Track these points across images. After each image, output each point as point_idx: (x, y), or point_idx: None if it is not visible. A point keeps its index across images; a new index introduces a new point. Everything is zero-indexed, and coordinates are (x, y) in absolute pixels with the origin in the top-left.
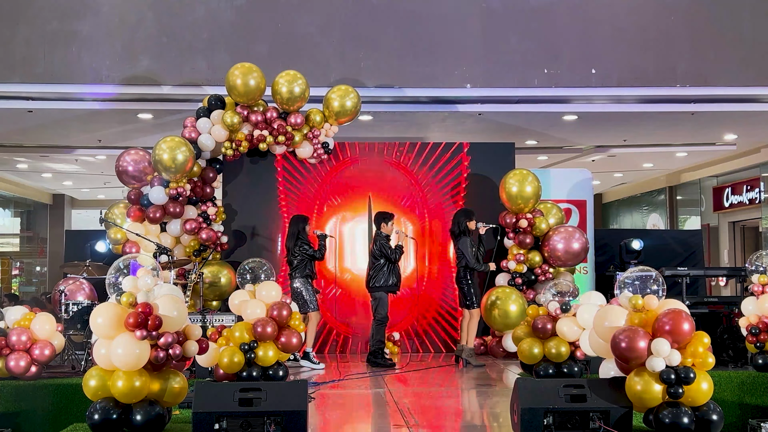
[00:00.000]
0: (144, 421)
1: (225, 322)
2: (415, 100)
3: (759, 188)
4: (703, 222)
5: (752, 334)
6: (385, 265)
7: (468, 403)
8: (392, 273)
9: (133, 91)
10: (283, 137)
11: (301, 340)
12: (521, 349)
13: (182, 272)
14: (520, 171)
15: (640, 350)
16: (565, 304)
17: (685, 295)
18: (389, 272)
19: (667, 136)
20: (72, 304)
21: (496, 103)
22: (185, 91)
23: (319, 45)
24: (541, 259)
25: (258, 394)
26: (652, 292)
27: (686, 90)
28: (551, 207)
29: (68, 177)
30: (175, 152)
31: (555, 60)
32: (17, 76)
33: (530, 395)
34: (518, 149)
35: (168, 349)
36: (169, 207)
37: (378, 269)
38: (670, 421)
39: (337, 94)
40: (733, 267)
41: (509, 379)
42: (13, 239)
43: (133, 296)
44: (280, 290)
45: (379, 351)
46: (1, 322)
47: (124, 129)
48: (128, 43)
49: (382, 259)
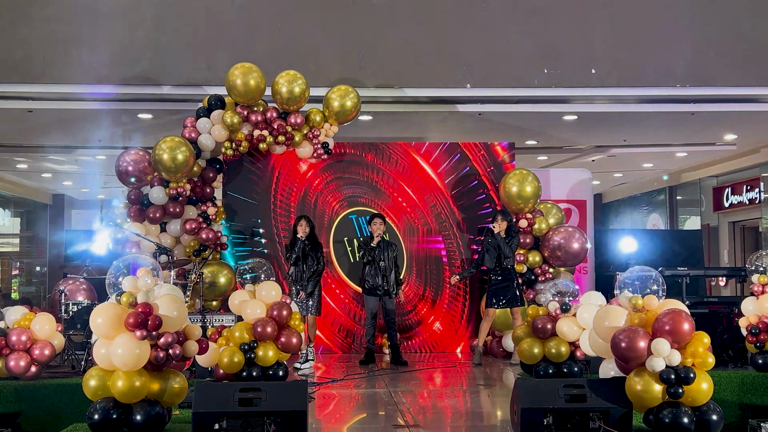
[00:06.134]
0: (144, 421)
1: (225, 322)
2: (415, 100)
3: (759, 188)
4: (703, 222)
5: (752, 334)
6: (366, 266)
7: (468, 403)
8: (372, 275)
9: (133, 91)
10: (283, 137)
11: (301, 340)
12: (521, 349)
13: (182, 272)
14: (520, 171)
15: (640, 350)
16: (565, 304)
17: (685, 295)
18: (371, 274)
19: (667, 136)
20: (72, 304)
21: (496, 103)
22: (185, 91)
23: (319, 45)
24: (541, 259)
25: (258, 394)
26: (652, 292)
27: (686, 90)
28: (551, 207)
29: (68, 177)
30: (175, 152)
31: (555, 60)
32: (17, 76)
33: (530, 395)
34: (518, 149)
35: (168, 349)
36: (169, 207)
37: (362, 270)
38: (670, 421)
39: (337, 94)
40: (733, 267)
41: (509, 379)
42: (13, 239)
43: (133, 296)
44: (280, 290)
45: (367, 350)
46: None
47: (124, 129)
48: (128, 43)
49: (363, 260)
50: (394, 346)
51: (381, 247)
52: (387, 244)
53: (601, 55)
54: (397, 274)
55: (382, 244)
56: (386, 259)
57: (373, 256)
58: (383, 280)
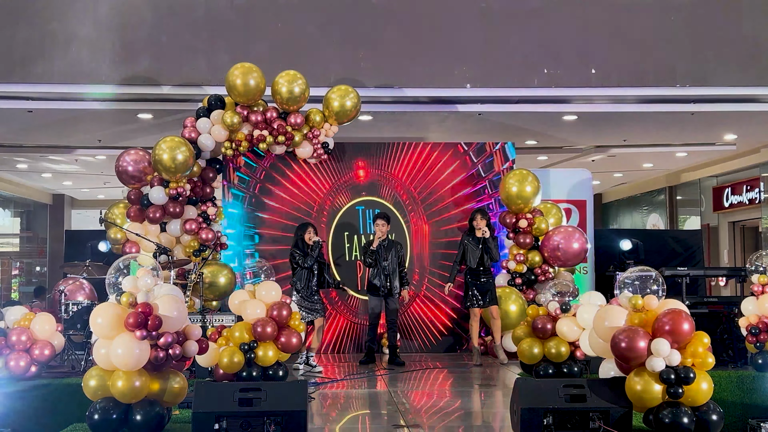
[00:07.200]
0: (144, 421)
1: (225, 322)
2: (415, 100)
3: (759, 188)
4: (703, 222)
5: (752, 334)
6: (368, 266)
7: (468, 403)
8: (375, 275)
9: (133, 91)
10: (283, 137)
11: (301, 340)
12: (521, 349)
13: (182, 272)
14: (520, 171)
15: (640, 350)
16: (565, 304)
17: (685, 295)
18: (374, 274)
19: (667, 136)
20: (72, 304)
21: (496, 103)
22: (185, 91)
23: (319, 45)
24: (541, 259)
25: (258, 394)
26: (652, 292)
27: (686, 90)
28: (551, 207)
29: (68, 177)
30: (175, 152)
31: (555, 60)
32: (17, 76)
33: (530, 395)
34: (518, 149)
35: (168, 349)
36: (169, 207)
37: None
38: (670, 421)
39: (337, 94)
40: (733, 267)
41: (509, 379)
42: (13, 239)
43: (133, 296)
44: (280, 290)
45: (368, 350)
46: (1, 322)
47: (124, 129)
48: (128, 43)
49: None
50: (392, 347)
51: (384, 246)
52: (391, 243)
53: (601, 55)
54: (402, 274)
55: (385, 244)
56: (390, 260)
57: (375, 258)
58: (386, 280)
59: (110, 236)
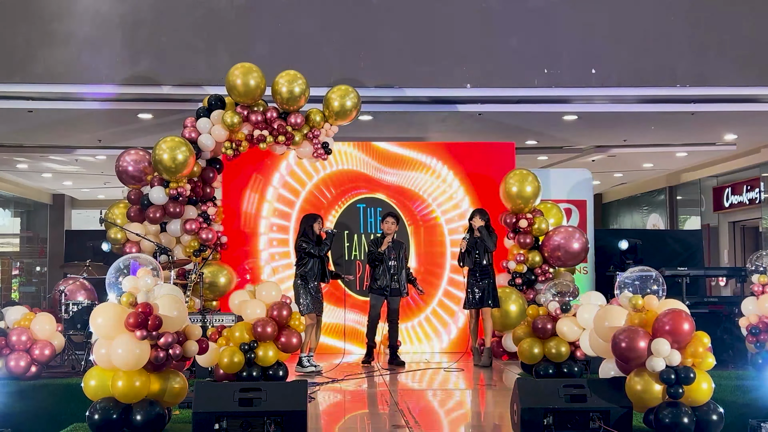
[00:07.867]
0: (144, 421)
1: (225, 322)
2: (415, 100)
3: (759, 188)
4: (703, 222)
5: (752, 334)
6: (373, 266)
7: (468, 403)
8: (381, 275)
9: (133, 91)
10: (283, 137)
11: (301, 340)
12: (521, 349)
13: (182, 272)
14: (520, 171)
15: (640, 350)
16: (565, 304)
17: (685, 295)
18: (380, 274)
19: (667, 136)
20: (72, 304)
21: (496, 103)
22: (185, 91)
23: (319, 45)
24: (541, 259)
25: (258, 394)
26: (652, 292)
27: (686, 90)
28: (551, 207)
29: (68, 177)
30: (175, 152)
31: (555, 60)
32: (17, 76)
33: (530, 395)
34: (518, 149)
35: (168, 349)
36: (169, 207)
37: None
38: (670, 421)
39: (337, 94)
40: (733, 267)
41: (509, 379)
42: (13, 239)
43: (133, 296)
44: (280, 290)
45: (368, 349)
46: (1, 322)
47: (124, 129)
48: (128, 43)
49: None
50: (393, 347)
51: (390, 246)
52: (397, 243)
53: (601, 55)
54: (408, 271)
55: (391, 243)
56: (396, 259)
57: (382, 257)
58: (392, 279)
59: (110, 236)
